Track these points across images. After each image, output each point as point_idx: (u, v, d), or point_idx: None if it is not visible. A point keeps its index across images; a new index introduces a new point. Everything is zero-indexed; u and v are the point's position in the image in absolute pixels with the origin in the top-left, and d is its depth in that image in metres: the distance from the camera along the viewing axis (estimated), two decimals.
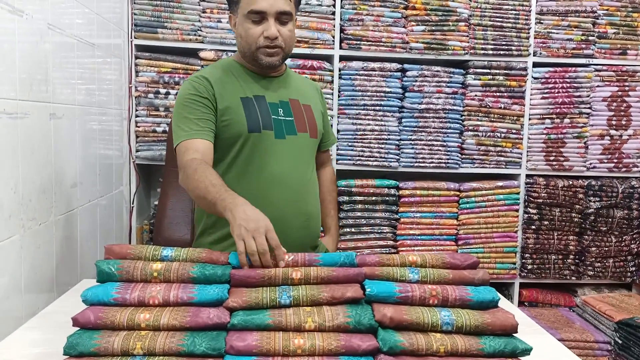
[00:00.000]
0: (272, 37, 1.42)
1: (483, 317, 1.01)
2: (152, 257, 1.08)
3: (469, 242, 2.72)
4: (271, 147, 1.47)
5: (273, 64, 1.48)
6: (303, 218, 1.50)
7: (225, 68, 1.54)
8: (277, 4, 1.42)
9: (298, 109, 1.55)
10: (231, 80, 1.50)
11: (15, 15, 1.33)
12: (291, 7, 1.47)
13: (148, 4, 2.49)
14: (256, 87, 1.51)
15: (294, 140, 1.50)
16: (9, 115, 1.29)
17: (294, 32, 1.50)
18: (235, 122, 1.45)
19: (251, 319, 0.97)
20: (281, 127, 1.49)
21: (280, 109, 1.51)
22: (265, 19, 1.43)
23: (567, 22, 2.71)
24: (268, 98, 1.51)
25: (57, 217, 1.61)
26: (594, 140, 2.77)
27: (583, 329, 2.58)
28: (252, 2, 1.42)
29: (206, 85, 1.46)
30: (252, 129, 1.45)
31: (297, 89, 1.59)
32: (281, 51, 1.47)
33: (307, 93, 1.62)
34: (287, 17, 1.45)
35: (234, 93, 1.48)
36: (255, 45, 1.44)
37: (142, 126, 2.54)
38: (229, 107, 1.45)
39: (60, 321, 1.01)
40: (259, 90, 1.51)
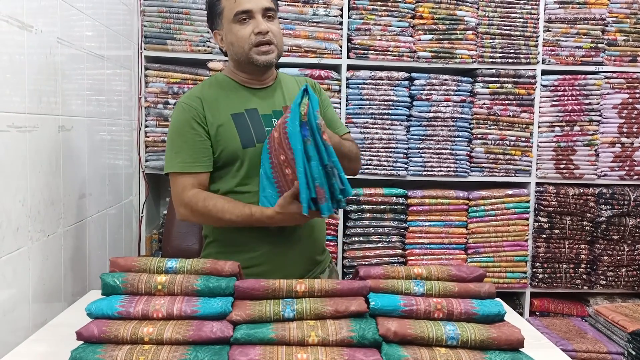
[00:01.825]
0: (263, 31, 1.43)
1: (489, 331, 1.00)
2: (157, 269, 1.08)
3: (478, 251, 2.70)
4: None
5: (270, 62, 1.46)
6: (308, 228, 1.49)
7: (215, 85, 1.54)
8: (260, 1, 1.44)
9: None
10: (222, 97, 1.50)
11: (25, 30, 1.35)
12: (274, 4, 1.49)
13: (157, 16, 2.52)
14: (248, 100, 1.50)
15: None
16: (18, 128, 1.31)
17: (280, 30, 1.51)
18: (229, 140, 1.45)
19: (254, 333, 0.97)
20: None
21: (274, 119, 1.50)
22: (252, 18, 1.44)
23: (576, 30, 2.69)
24: (261, 110, 1.50)
25: (66, 229, 1.63)
26: (604, 148, 2.74)
27: (596, 339, 2.54)
28: (236, 5, 1.43)
29: (197, 108, 1.46)
30: (246, 144, 1.45)
31: (290, 94, 1.56)
32: (275, 48, 1.46)
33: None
34: (272, 12, 1.47)
35: (224, 110, 1.47)
36: (248, 45, 1.44)
37: (152, 136, 2.56)
38: (220, 125, 1.45)
39: (66, 334, 1.01)
40: (251, 104, 1.50)
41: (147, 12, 2.51)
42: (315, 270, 1.54)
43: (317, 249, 1.56)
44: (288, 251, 1.48)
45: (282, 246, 1.47)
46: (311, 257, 1.54)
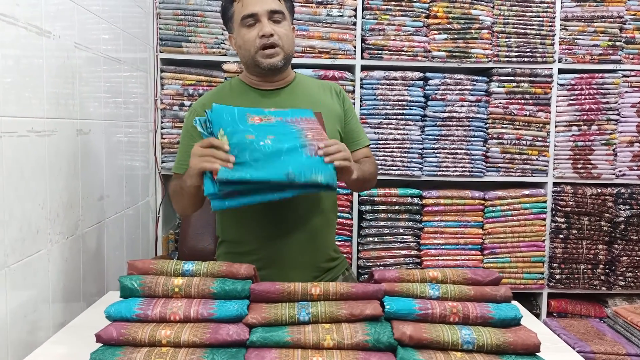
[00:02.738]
0: (267, 34, 1.42)
1: (505, 335, 1.00)
2: (174, 272, 1.10)
3: (494, 251, 2.68)
4: None
5: (275, 65, 1.46)
6: (307, 235, 1.47)
7: (227, 88, 1.56)
8: (266, 4, 1.44)
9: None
10: (230, 101, 1.50)
11: (43, 36, 1.38)
12: (282, 7, 1.47)
13: (173, 19, 2.54)
14: (256, 103, 1.50)
15: None
16: (37, 133, 1.34)
17: (291, 33, 1.50)
18: None
19: (270, 336, 0.97)
20: None
21: None
22: (258, 21, 1.44)
23: (593, 28, 2.66)
24: None
25: (84, 230, 1.65)
26: (622, 147, 2.70)
27: (614, 341, 2.51)
28: (244, 9, 1.44)
29: (200, 114, 1.47)
30: None
31: (306, 97, 1.55)
32: (281, 51, 1.45)
33: (320, 99, 1.57)
34: (280, 15, 1.46)
35: None
36: (254, 49, 1.45)
37: (168, 138, 2.59)
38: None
39: (85, 335, 1.03)
40: (259, 106, 1.47)
41: (162, 15, 2.53)
42: (322, 278, 1.52)
43: (320, 256, 1.52)
44: (287, 257, 1.47)
45: (282, 252, 1.47)
46: (315, 264, 1.51)
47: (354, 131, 1.61)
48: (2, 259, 1.18)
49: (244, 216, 1.45)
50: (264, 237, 1.47)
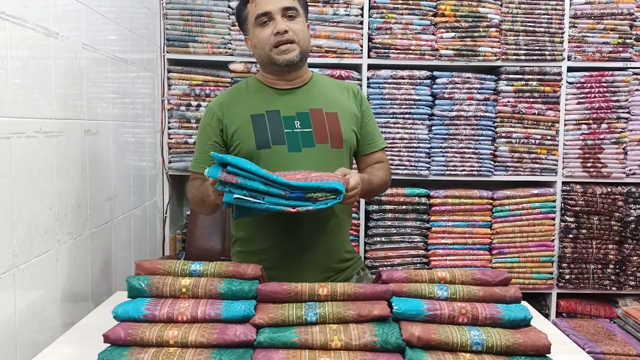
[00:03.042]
0: (281, 30, 1.43)
1: (514, 336, 0.99)
2: (181, 272, 1.10)
3: (503, 251, 2.66)
4: (285, 162, 1.45)
5: (291, 61, 1.45)
6: (319, 235, 1.47)
7: (243, 87, 1.57)
8: (279, 1, 1.44)
9: (319, 119, 1.50)
10: (246, 99, 1.52)
11: (51, 37, 1.38)
12: (295, 4, 1.48)
13: (180, 19, 2.54)
14: (271, 102, 1.51)
15: (312, 153, 1.47)
16: (45, 134, 1.34)
17: (306, 29, 1.49)
18: (245, 141, 1.47)
19: (277, 336, 0.97)
20: (296, 140, 1.47)
21: (297, 121, 1.49)
22: (272, 19, 1.44)
23: (603, 25, 2.63)
24: (283, 112, 1.50)
25: (92, 230, 1.66)
26: (633, 146, 2.67)
27: (625, 341, 2.48)
28: (256, 9, 1.45)
29: (216, 113, 1.51)
30: (261, 145, 1.46)
31: (322, 97, 1.54)
32: (296, 46, 1.45)
33: (336, 99, 1.56)
34: (294, 12, 1.46)
35: (245, 112, 1.49)
36: (269, 46, 1.45)
37: (175, 138, 2.59)
38: (238, 128, 1.48)
39: (93, 335, 1.03)
40: (274, 105, 1.50)
41: (169, 15, 2.54)
42: (335, 278, 1.51)
43: (332, 256, 1.52)
44: (299, 257, 1.47)
45: (293, 251, 1.47)
46: (327, 264, 1.51)
47: (370, 133, 1.60)
48: (11, 260, 1.18)
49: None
50: (276, 237, 1.47)
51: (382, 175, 1.56)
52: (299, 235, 1.46)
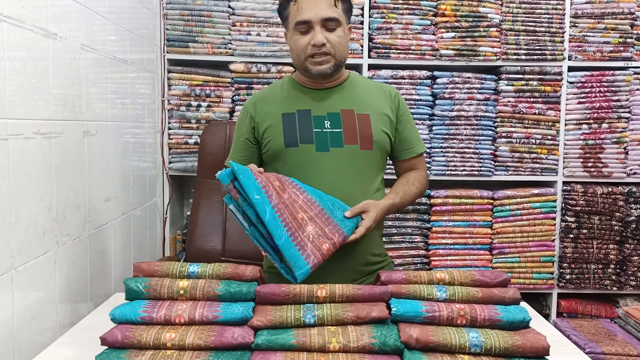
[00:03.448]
0: (318, 44, 1.42)
1: (513, 338, 0.98)
2: (179, 274, 1.09)
3: (503, 251, 2.66)
4: (313, 161, 1.47)
5: (323, 72, 1.46)
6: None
7: (278, 87, 1.59)
8: (321, 11, 1.42)
9: (350, 119, 1.49)
10: (279, 98, 1.55)
11: (50, 38, 1.38)
12: (338, 13, 1.45)
13: (180, 19, 2.54)
14: (303, 101, 1.52)
15: (340, 153, 1.47)
16: (44, 135, 1.34)
17: (344, 39, 1.48)
18: (274, 138, 1.50)
19: (275, 339, 0.97)
20: (325, 140, 1.47)
21: (327, 121, 1.49)
22: (311, 28, 1.43)
23: (604, 25, 2.62)
24: (314, 111, 1.50)
25: (91, 232, 1.66)
26: (634, 146, 2.67)
27: (626, 341, 2.48)
28: (298, 14, 1.44)
29: (249, 111, 1.55)
30: (289, 143, 1.48)
31: (356, 98, 1.53)
32: (332, 58, 1.45)
33: (370, 100, 1.54)
34: (334, 23, 1.44)
35: (277, 110, 1.52)
36: (304, 55, 1.45)
37: (175, 138, 2.59)
38: (269, 126, 1.51)
39: (91, 337, 1.03)
40: (306, 104, 1.51)
41: (169, 16, 2.54)
42: (362, 281, 1.50)
43: (359, 259, 1.49)
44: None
45: None
46: (352, 267, 1.48)
47: (408, 139, 1.58)
48: (9, 261, 1.18)
49: None
50: None
51: (414, 191, 1.56)
52: None
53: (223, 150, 2.21)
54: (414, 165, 1.61)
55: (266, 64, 2.55)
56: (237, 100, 2.59)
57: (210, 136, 2.24)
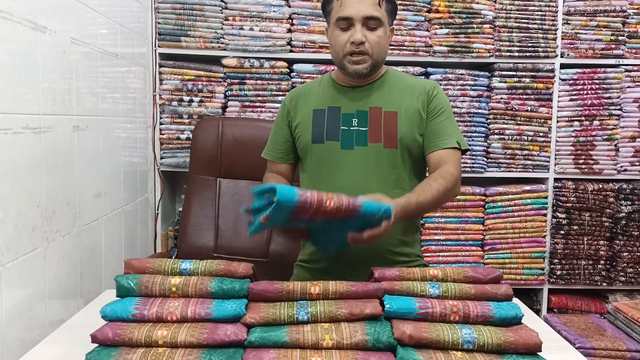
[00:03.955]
0: (357, 42, 1.41)
1: (506, 335, 0.99)
2: (171, 271, 1.09)
3: (495, 247, 2.67)
4: (337, 158, 1.49)
5: (359, 72, 1.45)
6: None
7: (318, 82, 1.61)
8: (364, 9, 1.41)
9: (377, 117, 1.48)
10: (314, 94, 1.57)
11: (39, 32, 1.36)
12: (381, 13, 1.44)
13: (172, 13, 2.51)
14: (336, 98, 1.53)
15: (363, 151, 1.47)
16: (33, 130, 1.32)
17: (384, 40, 1.47)
18: (304, 134, 1.53)
19: (268, 336, 0.96)
20: (350, 138, 1.48)
21: (355, 119, 1.49)
22: (352, 25, 1.43)
23: (596, 22, 2.63)
24: (344, 109, 1.51)
25: (82, 228, 1.64)
26: (624, 143, 2.69)
27: (615, 337, 2.50)
28: (340, 10, 1.44)
29: (287, 105, 1.60)
30: (316, 139, 1.51)
31: (386, 95, 1.51)
32: (369, 58, 1.44)
33: (401, 98, 1.51)
34: (375, 22, 1.43)
35: (310, 106, 1.54)
36: (342, 52, 1.45)
37: (167, 133, 2.57)
38: (301, 121, 1.54)
39: (81, 335, 1.02)
40: (337, 102, 1.52)
41: (161, 9, 2.51)
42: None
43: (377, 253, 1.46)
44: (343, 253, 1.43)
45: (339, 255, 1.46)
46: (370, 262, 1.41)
47: (434, 132, 1.49)
48: None
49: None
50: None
51: (435, 187, 1.38)
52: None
53: (215, 145, 2.19)
54: (440, 159, 1.48)
55: (259, 59, 2.54)
56: (229, 95, 2.57)
57: (202, 132, 2.22)
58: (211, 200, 2.21)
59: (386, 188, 1.45)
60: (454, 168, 1.45)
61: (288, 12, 2.54)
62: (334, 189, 1.44)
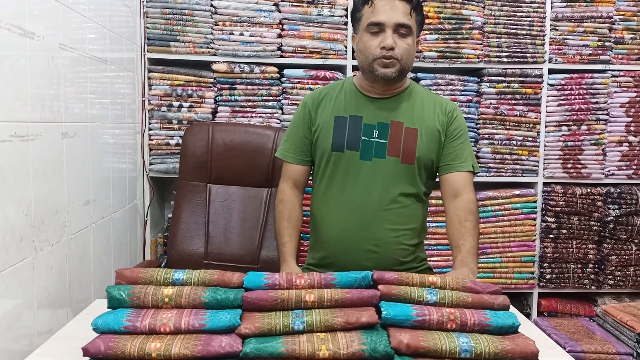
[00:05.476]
0: (387, 46, 1.44)
1: (503, 343, 0.98)
2: (164, 281, 1.07)
3: (485, 251, 2.68)
4: (354, 168, 1.50)
5: (388, 76, 1.47)
6: (371, 243, 1.47)
7: (339, 87, 1.61)
8: (396, 16, 1.44)
9: (397, 132, 1.51)
10: (337, 99, 1.57)
11: (26, 38, 1.33)
12: (411, 22, 1.47)
13: (160, 18, 2.49)
14: (358, 107, 1.54)
15: (380, 164, 1.50)
16: (20, 137, 1.29)
17: (413, 49, 1.50)
18: (324, 139, 1.54)
19: (264, 347, 0.95)
20: (370, 149, 1.51)
21: (376, 130, 1.51)
22: (383, 31, 1.45)
23: (583, 28, 2.66)
24: (365, 119, 1.52)
25: (70, 236, 1.61)
26: (612, 147, 2.71)
27: (604, 340, 2.52)
28: (372, 15, 1.46)
29: (309, 107, 1.60)
30: (336, 147, 1.52)
31: (408, 111, 1.54)
32: (397, 63, 1.46)
33: (423, 115, 1.55)
34: (406, 30, 1.46)
35: (331, 112, 1.55)
36: (372, 57, 1.47)
37: (156, 139, 2.54)
38: (321, 125, 1.55)
39: (72, 347, 1.00)
40: (359, 111, 1.53)
41: (150, 14, 2.49)
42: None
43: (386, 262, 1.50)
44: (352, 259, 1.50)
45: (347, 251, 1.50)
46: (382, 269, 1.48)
47: (452, 154, 1.55)
48: None
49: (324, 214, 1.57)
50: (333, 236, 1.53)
51: (470, 226, 1.48)
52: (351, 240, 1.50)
53: (205, 151, 2.18)
54: (457, 182, 1.55)
55: (249, 64, 2.53)
56: (219, 100, 2.55)
57: (192, 137, 2.20)
58: (201, 206, 2.19)
59: (400, 201, 1.51)
60: (472, 193, 1.55)
61: (278, 17, 2.53)
62: (349, 198, 1.50)
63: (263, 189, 2.17)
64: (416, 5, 1.48)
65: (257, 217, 2.16)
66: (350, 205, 1.45)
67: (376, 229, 1.48)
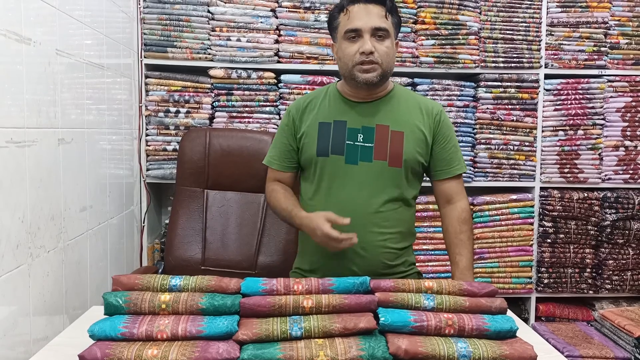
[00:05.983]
0: (366, 51, 1.44)
1: (501, 348, 0.98)
2: (161, 287, 1.06)
3: (483, 256, 2.68)
4: (340, 172, 1.51)
5: (370, 81, 1.47)
6: (358, 246, 1.47)
7: (323, 93, 1.61)
8: (371, 20, 1.45)
9: (383, 135, 1.51)
10: (321, 105, 1.57)
11: (23, 44, 1.33)
12: (388, 25, 1.48)
13: (158, 24, 2.50)
14: (342, 112, 1.54)
15: (367, 167, 1.50)
16: (17, 144, 1.29)
17: (392, 50, 1.50)
18: (309, 146, 1.54)
19: (262, 353, 0.95)
20: (355, 153, 1.51)
21: (360, 134, 1.51)
22: (361, 37, 1.46)
23: (579, 34, 2.68)
24: (350, 123, 1.52)
25: (67, 243, 1.60)
26: (608, 152, 2.72)
27: (602, 344, 2.52)
28: (349, 22, 1.47)
29: (293, 115, 1.60)
30: (321, 152, 1.52)
31: (393, 114, 1.54)
32: (378, 67, 1.46)
33: (409, 118, 1.55)
34: (383, 32, 1.47)
35: (315, 118, 1.55)
36: (352, 63, 1.47)
37: (153, 145, 2.54)
38: (306, 132, 1.55)
39: (69, 354, 0.99)
40: (343, 116, 1.53)
41: (147, 20, 2.49)
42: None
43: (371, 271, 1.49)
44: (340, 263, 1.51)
45: (334, 255, 1.49)
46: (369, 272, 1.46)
47: (445, 159, 1.58)
48: None
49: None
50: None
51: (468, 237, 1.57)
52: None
53: (202, 157, 2.17)
54: (450, 186, 1.59)
55: (246, 70, 2.53)
56: (216, 106, 2.55)
57: (189, 143, 2.20)
58: (198, 212, 2.19)
59: (376, 204, 1.51)
60: (465, 199, 1.60)
61: (275, 23, 2.54)
62: (336, 202, 1.51)
63: (260, 195, 2.17)
64: (391, 7, 1.49)
65: (255, 222, 2.16)
66: (337, 209, 1.44)
67: (363, 232, 1.47)
